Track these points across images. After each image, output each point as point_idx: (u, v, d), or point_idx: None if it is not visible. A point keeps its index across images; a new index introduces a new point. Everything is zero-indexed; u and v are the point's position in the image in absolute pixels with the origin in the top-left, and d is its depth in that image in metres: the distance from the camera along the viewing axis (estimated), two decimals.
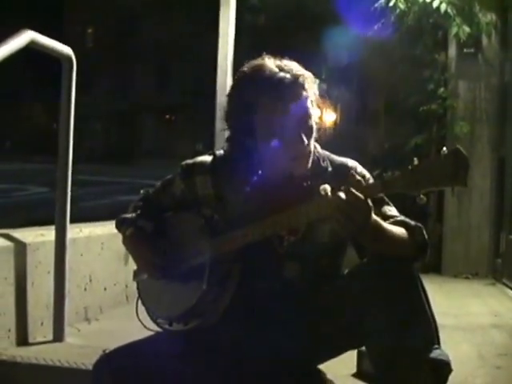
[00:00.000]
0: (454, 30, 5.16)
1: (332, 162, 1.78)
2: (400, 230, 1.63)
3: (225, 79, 4.14)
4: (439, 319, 1.59)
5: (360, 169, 1.78)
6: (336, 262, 1.80)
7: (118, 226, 1.88)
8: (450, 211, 5.35)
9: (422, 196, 1.43)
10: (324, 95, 1.74)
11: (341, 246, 1.78)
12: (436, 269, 5.21)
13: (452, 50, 5.43)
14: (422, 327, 1.55)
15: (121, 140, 33.69)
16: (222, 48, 4.23)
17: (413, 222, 1.69)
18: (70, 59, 2.66)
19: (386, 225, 1.60)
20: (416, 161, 1.43)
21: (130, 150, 31.93)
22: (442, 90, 5.39)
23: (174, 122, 33.77)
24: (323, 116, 1.75)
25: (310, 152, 1.72)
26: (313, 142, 1.73)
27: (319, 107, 1.74)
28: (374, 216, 1.53)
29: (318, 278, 1.73)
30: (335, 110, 5.86)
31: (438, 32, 5.46)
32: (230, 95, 1.76)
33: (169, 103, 32.01)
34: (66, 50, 2.65)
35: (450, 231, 5.36)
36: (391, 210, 1.73)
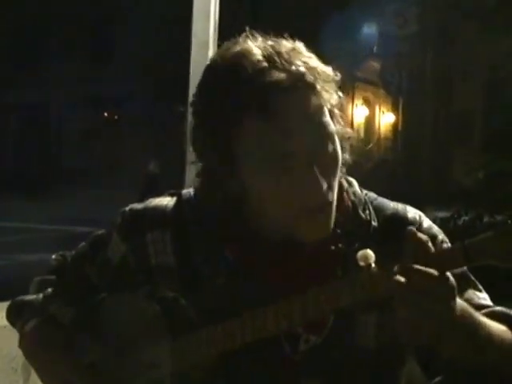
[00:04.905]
0: None
1: (378, 212, 1.25)
2: (507, 334, 1.15)
3: (205, 57, 2.87)
4: None
5: (427, 224, 1.26)
6: (386, 381, 1.26)
7: (11, 316, 1.39)
8: None
9: None
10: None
11: (396, 354, 1.23)
12: None
13: None
14: None
15: (27, 154, 21.77)
16: (200, 8, 2.82)
17: None
18: None
19: (484, 320, 1.12)
20: None
21: (42, 173, 20.34)
22: None
23: (116, 123, 23.34)
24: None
25: (331, 201, 1.17)
26: (337, 181, 1.20)
27: (345, 121, 1.21)
28: (461, 305, 1.07)
29: None
30: (395, 107, 4.30)
31: None
32: (195, 103, 1.21)
33: (109, 93, 21.04)
34: None
35: None
36: (481, 297, 1.22)
